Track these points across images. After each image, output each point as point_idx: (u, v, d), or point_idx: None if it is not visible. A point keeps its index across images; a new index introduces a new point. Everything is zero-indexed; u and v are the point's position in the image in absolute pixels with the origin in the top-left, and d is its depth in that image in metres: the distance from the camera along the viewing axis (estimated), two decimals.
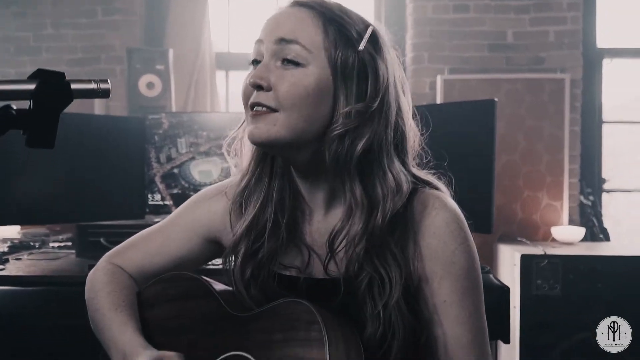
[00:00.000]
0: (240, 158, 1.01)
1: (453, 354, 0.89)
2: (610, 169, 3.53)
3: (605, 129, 3.54)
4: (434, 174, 1.00)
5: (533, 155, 3.26)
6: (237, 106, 1.04)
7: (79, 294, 1.11)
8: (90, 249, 2.15)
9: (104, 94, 0.75)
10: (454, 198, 0.97)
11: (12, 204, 2.24)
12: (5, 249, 2.40)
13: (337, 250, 0.91)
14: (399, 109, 0.94)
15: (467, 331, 0.89)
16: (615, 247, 3.18)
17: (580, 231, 3.10)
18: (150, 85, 3.09)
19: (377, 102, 0.89)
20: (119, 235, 1.65)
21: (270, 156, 0.97)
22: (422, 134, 1.02)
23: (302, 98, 0.87)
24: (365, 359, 0.82)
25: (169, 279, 1.04)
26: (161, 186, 2.43)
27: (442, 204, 0.93)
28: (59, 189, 2.27)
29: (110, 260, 1.10)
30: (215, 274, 1.08)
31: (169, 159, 2.40)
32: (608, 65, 3.59)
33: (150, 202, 2.44)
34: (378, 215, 0.88)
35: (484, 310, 0.94)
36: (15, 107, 0.70)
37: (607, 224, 3.37)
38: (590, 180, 3.44)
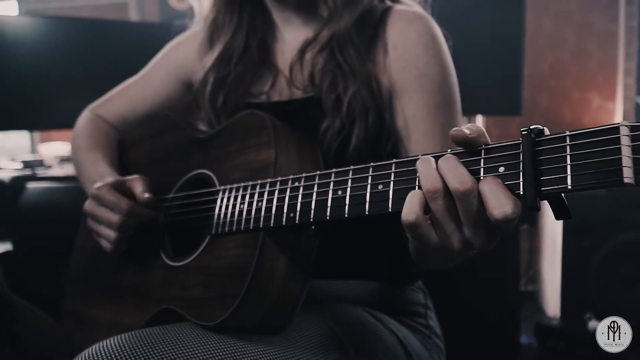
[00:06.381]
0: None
1: None
2: None
3: None
4: None
5: (583, 53, 3.04)
6: None
7: None
8: None
9: None
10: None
11: (51, 111, 2.34)
12: (55, 162, 2.54)
13: (306, 56, 0.90)
14: None
15: (437, 148, 0.84)
16: None
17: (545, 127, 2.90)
18: None
19: None
20: None
21: None
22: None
23: None
24: (323, 165, 0.79)
25: (146, 121, 1.06)
26: None
27: (416, 17, 0.88)
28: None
29: (93, 111, 1.12)
30: None
31: None
32: None
33: None
34: (347, 16, 0.87)
35: None
36: None
37: None
38: None
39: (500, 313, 1.76)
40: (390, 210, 0.57)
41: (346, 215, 0.61)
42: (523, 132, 0.49)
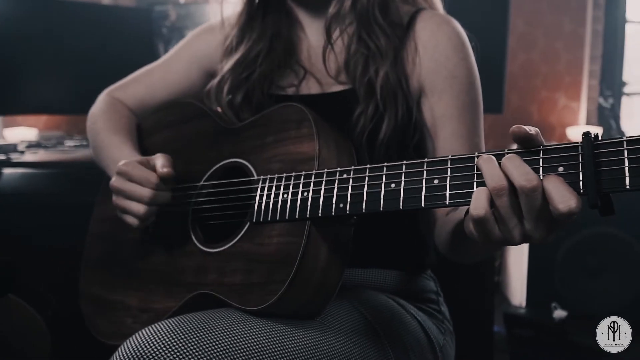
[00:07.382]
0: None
1: None
2: (631, 71, 3.41)
3: (629, 29, 3.39)
4: None
5: (552, 54, 3.17)
6: None
7: (90, 175, 1.13)
8: None
9: None
10: None
11: (17, 95, 2.26)
12: (24, 148, 2.46)
13: (334, 39, 0.93)
14: None
15: (464, 146, 0.89)
16: None
17: (598, 131, 3.04)
18: None
19: None
20: None
21: None
22: None
23: None
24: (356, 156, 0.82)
25: (166, 107, 1.06)
26: None
27: (445, 20, 0.92)
28: (66, 82, 2.28)
29: (112, 94, 1.11)
30: None
31: None
32: None
33: None
34: None
35: (482, 131, 0.94)
36: None
37: (624, 127, 3.30)
38: (611, 83, 3.34)
39: (474, 304, 1.84)
40: (447, 203, 0.62)
41: (401, 207, 0.65)
42: (583, 136, 0.54)
